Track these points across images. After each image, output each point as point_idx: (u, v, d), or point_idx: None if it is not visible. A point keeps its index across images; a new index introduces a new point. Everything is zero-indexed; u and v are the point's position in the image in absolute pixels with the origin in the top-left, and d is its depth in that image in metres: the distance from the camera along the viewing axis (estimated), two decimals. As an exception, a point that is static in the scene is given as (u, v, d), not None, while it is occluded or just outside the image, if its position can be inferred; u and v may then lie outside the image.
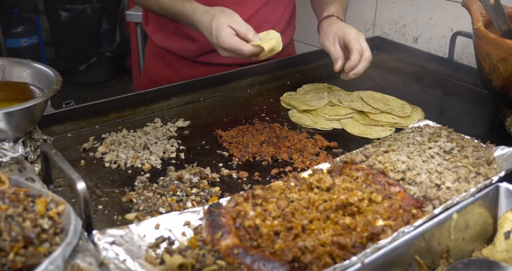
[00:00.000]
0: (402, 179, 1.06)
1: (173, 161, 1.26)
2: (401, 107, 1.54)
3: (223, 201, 0.98)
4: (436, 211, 0.94)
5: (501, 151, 1.16)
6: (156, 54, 1.82)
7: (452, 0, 1.93)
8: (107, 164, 1.23)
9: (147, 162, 1.23)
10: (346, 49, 1.45)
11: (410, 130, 1.25)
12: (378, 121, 1.46)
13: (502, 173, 1.06)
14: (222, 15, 1.34)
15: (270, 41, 1.31)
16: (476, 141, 1.19)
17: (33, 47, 4.42)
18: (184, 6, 1.44)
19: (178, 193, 1.10)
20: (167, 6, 1.49)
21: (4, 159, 1.05)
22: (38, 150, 1.09)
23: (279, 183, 1.03)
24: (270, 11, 1.72)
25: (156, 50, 1.81)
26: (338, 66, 1.44)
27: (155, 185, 1.13)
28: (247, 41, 1.30)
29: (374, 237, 0.87)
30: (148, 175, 1.19)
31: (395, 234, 0.86)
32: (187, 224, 0.93)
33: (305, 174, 1.08)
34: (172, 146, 1.31)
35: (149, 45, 1.89)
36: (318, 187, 0.98)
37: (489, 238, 0.99)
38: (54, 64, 4.49)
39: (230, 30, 1.31)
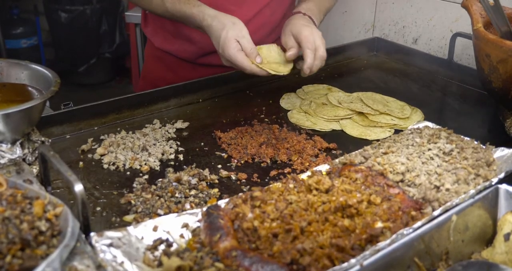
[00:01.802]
0: (401, 180, 1.05)
1: (172, 163, 1.25)
2: (401, 108, 1.54)
3: (222, 203, 0.97)
4: (436, 213, 0.94)
5: (500, 152, 1.16)
6: (155, 56, 1.81)
7: (451, 1, 1.93)
8: (105, 166, 1.23)
9: (145, 163, 1.23)
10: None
11: (409, 132, 1.25)
12: (377, 122, 1.45)
13: (502, 175, 1.06)
14: (232, 28, 1.35)
15: (273, 65, 1.35)
16: (475, 142, 1.19)
17: (32, 48, 4.42)
18: (192, 10, 1.43)
19: (176, 195, 1.10)
20: (174, 10, 1.48)
21: (2, 161, 1.05)
22: (36, 152, 1.09)
23: (277, 184, 1.03)
24: (270, 13, 1.72)
25: (155, 52, 1.80)
26: (291, 53, 1.42)
27: (153, 186, 1.13)
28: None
29: (373, 239, 0.87)
30: (146, 176, 1.19)
31: (394, 236, 0.86)
32: (185, 226, 0.93)
33: (304, 176, 1.07)
34: (170, 147, 1.31)
35: (148, 47, 1.89)
36: (317, 189, 0.98)
37: (488, 240, 0.99)
38: (54, 65, 4.51)
39: (237, 45, 1.32)
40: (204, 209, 0.94)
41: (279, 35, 1.79)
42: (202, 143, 1.35)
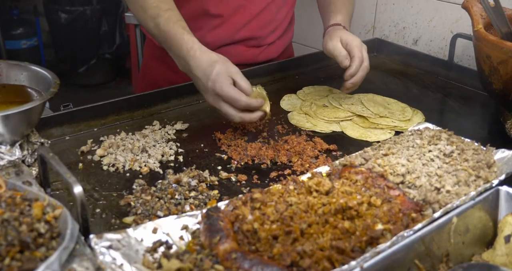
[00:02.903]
0: (402, 182, 1.05)
1: (172, 164, 1.25)
2: (402, 110, 1.54)
3: (222, 204, 0.97)
4: (436, 215, 0.93)
5: (501, 154, 1.16)
6: (155, 55, 1.81)
7: (452, 2, 1.93)
8: (105, 167, 1.22)
9: (145, 165, 1.23)
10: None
11: (409, 133, 1.24)
12: (378, 124, 1.45)
13: (502, 177, 1.06)
14: (224, 63, 1.29)
15: (267, 104, 1.32)
16: (476, 144, 1.19)
17: (32, 49, 4.42)
18: (183, 36, 1.35)
19: (176, 197, 1.09)
20: (164, 28, 1.38)
21: (1, 163, 1.04)
22: (36, 153, 1.09)
23: (277, 186, 1.02)
24: (276, 10, 1.73)
25: (155, 51, 1.80)
26: (346, 62, 1.46)
27: (153, 188, 1.13)
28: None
29: (373, 241, 0.87)
30: (146, 178, 1.19)
31: (394, 238, 0.86)
32: (185, 228, 0.92)
33: (304, 177, 1.07)
34: (170, 149, 1.31)
35: (147, 46, 1.88)
36: (317, 191, 0.98)
37: (489, 242, 0.99)
38: (54, 66, 4.52)
39: (230, 80, 1.27)
40: (204, 211, 0.94)
41: (282, 32, 1.79)
42: (202, 145, 1.35)
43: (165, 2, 1.43)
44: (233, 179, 1.20)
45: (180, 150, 1.31)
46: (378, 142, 1.27)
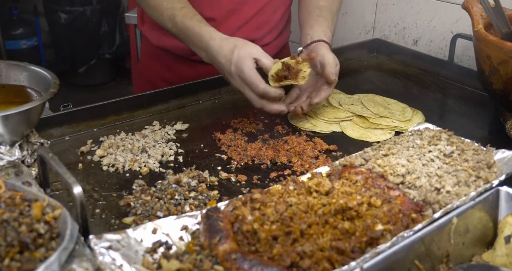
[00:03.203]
0: (402, 182, 1.05)
1: (172, 165, 1.25)
2: (402, 111, 1.53)
3: (221, 205, 0.97)
4: (436, 215, 0.93)
5: (501, 154, 1.15)
6: (152, 53, 1.81)
7: (452, 2, 1.93)
8: (105, 168, 1.22)
9: (145, 165, 1.23)
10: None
11: (409, 133, 1.24)
12: (378, 124, 1.45)
13: (503, 177, 1.05)
14: (245, 46, 1.33)
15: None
16: (476, 144, 1.18)
17: (32, 49, 4.42)
18: (201, 29, 1.40)
19: (176, 197, 1.09)
20: (183, 25, 1.43)
21: (1, 163, 1.04)
22: (35, 154, 1.09)
23: (277, 187, 1.02)
24: (271, 11, 1.72)
25: (152, 50, 1.80)
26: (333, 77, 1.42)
27: (153, 188, 1.12)
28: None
29: (373, 241, 0.86)
30: (146, 178, 1.18)
31: (394, 238, 0.86)
32: (185, 228, 0.92)
33: (304, 178, 1.07)
34: (170, 149, 1.31)
35: (144, 45, 1.88)
36: (317, 191, 0.98)
37: (489, 242, 0.99)
38: (54, 66, 4.51)
39: (253, 63, 1.31)
40: (204, 211, 0.94)
41: (279, 33, 1.79)
42: (202, 145, 1.35)
43: (178, 1, 1.47)
44: (233, 179, 1.20)
45: (180, 150, 1.31)
46: (378, 142, 1.26)
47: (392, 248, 0.84)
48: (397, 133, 1.41)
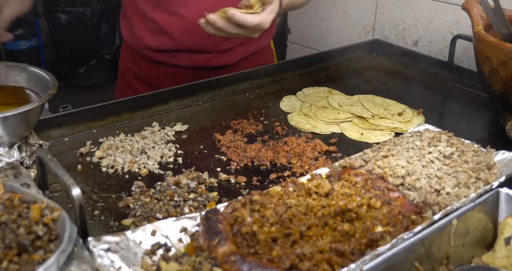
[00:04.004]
0: (402, 184, 1.05)
1: (171, 166, 1.25)
2: (402, 112, 1.53)
3: (221, 207, 0.97)
4: (436, 217, 0.93)
5: (501, 155, 1.15)
6: (125, 47, 1.85)
7: (452, 3, 1.93)
8: (104, 169, 1.22)
9: (144, 167, 1.23)
10: None
11: (409, 135, 1.24)
12: (378, 125, 1.45)
13: (503, 178, 1.05)
14: None
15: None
16: (476, 145, 1.18)
17: (32, 49, 4.41)
18: None
19: (175, 198, 1.09)
20: None
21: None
22: (34, 155, 1.09)
23: (277, 188, 1.02)
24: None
25: (124, 44, 1.85)
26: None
27: (152, 190, 1.12)
28: None
29: (373, 243, 0.86)
30: (145, 180, 1.18)
31: (394, 240, 0.85)
32: (184, 230, 0.92)
33: (303, 179, 1.07)
34: (170, 150, 1.30)
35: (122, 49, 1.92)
36: (316, 193, 0.97)
37: (489, 244, 0.98)
38: (54, 67, 4.49)
39: None
40: (203, 213, 0.93)
41: (245, 40, 1.74)
42: (201, 146, 1.34)
43: None
44: (233, 181, 1.19)
45: (179, 151, 1.31)
46: (378, 143, 1.26)
47: (392, 250, 0.84)
48: (397, 134, 1.41)
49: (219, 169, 1.24)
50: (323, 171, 1.12)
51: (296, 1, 1.62)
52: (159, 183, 1.15)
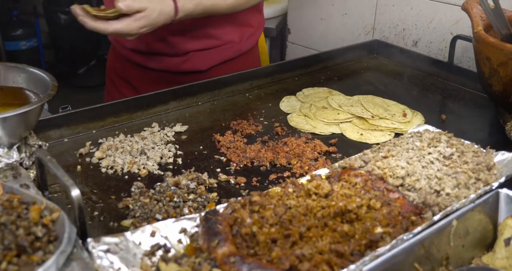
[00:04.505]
0: (401, 185, 1.05)
1: (171, 167, 1.25)
2: (402, 112, 1.53)
3: (220, 207, 0.97)
4: (436, 217, 0.93)
5: (501, 156, 1.15)
6: (112, 45, 1.86)
7: (452, 4, 1.92)
8: (103, 170, 1.22)
9: (144, 167, 1.22)
10: None
11: (409, 135, 1.24)
12: (377, 126, 1.45)
13: (502, 179, 1.05)
14: None
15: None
16: (476, 146, 1.18)
17: (32, 50, 4.41)
18: None
19: (175, 199, 1.09)
20: None
21: (-1, 165, 1.04)
22: (33, 156, 1.08)
23: (276, 189, 1.02)
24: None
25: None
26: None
27: (151, 191, 1.12)
28: None
29: (372, 244, 0.86)
30: (145, 180, 1.18)
31: (394, 241, 0.85)
32: (184, 231, 0.92)
33: (303, 180, 1.07)
34: (169, 151, 1.30)
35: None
36: (316, 194, 0.97)
37: (489, 245, 0.98)
38: (54, 67, 4.48)
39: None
40: (203, 214, 0.93)
41: (214, 45, 1.71)
42: (201, 147, 1.34)
43: None
44: (232, 181, 1.19)
45: (179, 152, 1.31)
46: (377, 144, 1.26)
47: (392, 251, 0.84)
48: (397, 135, 1.41)
49: (218, 169, 1.24)
50: (323, 171, 1.12)
51: (216, 5, 1.54)
52: (158, 184, 1.15)
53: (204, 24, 1.64)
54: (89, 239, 0.84)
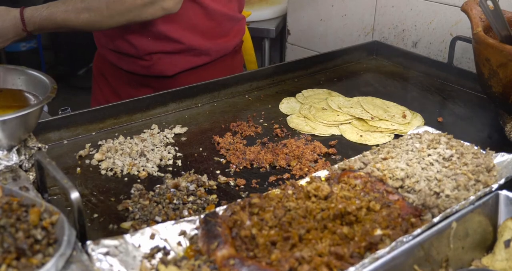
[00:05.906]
0: (401, 186, 1.05)
1: (170, 169, 1.25)
2: (401, 113, 1.53)
3: (220, 210, 0.97)
4: (435, 219, 0.93)
5: (501, 158, 1.15)
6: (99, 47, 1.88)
7: (451, 5, 1.92)
8: (103, 172, 1.22)
9: (143, 169, 1.22)
10: None
11: (409, 137, 1.24)
12: (377, 127, 1.45)
13: (502, 181, 1.05)
14: None
15: None
16: (475, 147, 1.18)
17: (32, 51, 4.41)
18: None
19: (174, 201, 1.09)
20: None
21: (-2, 168, 1.04)
22: (33, 159, 1.08)
23: (276, 191, 1.02)
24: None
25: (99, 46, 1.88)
26: None
27: (151, 193, 1.12)
28: None
29: (372, 246, 0.86)
30: (144, 183, 1.18)
31: (393, 243, 0.85)
32: (183, 233, 0.92)
33: (303, 182, 1.07)
34: (169, 153, 1.30)
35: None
36: (315, 196, 0.97)
37: (488, 246, 0.98)
38: (53, 68, 4.48)
39: None
40: (202, 216, 0.93)
41: (182, 49, 1.69)
42: (201, 149, 1.34)
43: None
44: (232, 183, 1.19)
45: (178, 154, 1.31)
46: (377, 145, 1.26)
47: (391, 253, 0.84)
48: (397, 137, 1.41)
49: (218, 171, 1.24)
50: (323, 173, 1.12)
51: (68, 21, 1.53)
52: (158, 186, 1.15)
53: (158, 25, 1.61)
54: (88, 242, 0.84)
